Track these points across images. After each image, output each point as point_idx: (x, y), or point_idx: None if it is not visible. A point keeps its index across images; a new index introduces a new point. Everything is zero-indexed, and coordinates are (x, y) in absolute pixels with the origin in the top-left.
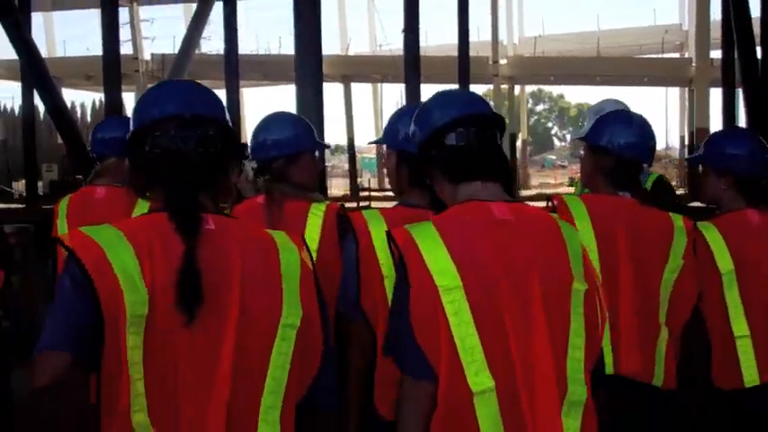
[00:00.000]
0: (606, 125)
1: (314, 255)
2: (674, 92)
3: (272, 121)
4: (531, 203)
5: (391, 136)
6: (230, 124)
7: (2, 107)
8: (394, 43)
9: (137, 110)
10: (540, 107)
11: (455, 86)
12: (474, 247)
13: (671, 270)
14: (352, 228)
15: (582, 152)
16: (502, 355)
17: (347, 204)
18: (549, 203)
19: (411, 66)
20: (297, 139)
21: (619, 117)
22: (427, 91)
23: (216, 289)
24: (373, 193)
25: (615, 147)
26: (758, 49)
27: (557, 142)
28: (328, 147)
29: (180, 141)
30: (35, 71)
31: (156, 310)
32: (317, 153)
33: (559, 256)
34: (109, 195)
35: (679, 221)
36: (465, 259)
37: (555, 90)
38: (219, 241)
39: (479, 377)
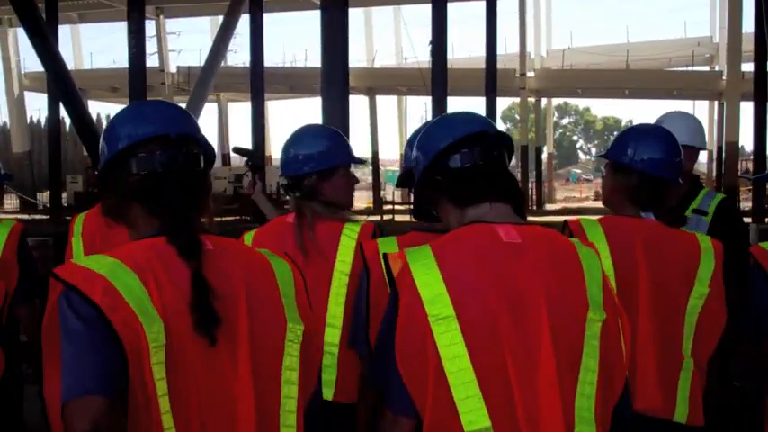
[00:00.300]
0: (628, 141)
1: (346, 279)
2: (702, 105)
3: (304, 135)
4: (552, 219)
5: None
6: (206, 140)
7: (28, 119)
8: (420, 56)
9: (113, 132)
10: (565, 120)
11: (482, 99)
12: (473, 273)
13: (697, 296)
14: (365, 258)
15: (603, 170)
16: (501, 392)
17: (371, 218)
18: (567, 230)
19: (438, 78)
20: (330, 153)
21: (642, 132)
22: (453, 104)
23: (225, 310)
24: (397, 207)
25: (638, 164)
26: None
27: (582, 156)
28: (363, 162)
29: (167, 162)
30: (61, 83)
31: (173, 338)
32: (351, 168)
33: (574, 281)
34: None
35: (706, 243)
36: (462, 286)
37: (581, 103)
38: (220, 261)
39: (474, 415)
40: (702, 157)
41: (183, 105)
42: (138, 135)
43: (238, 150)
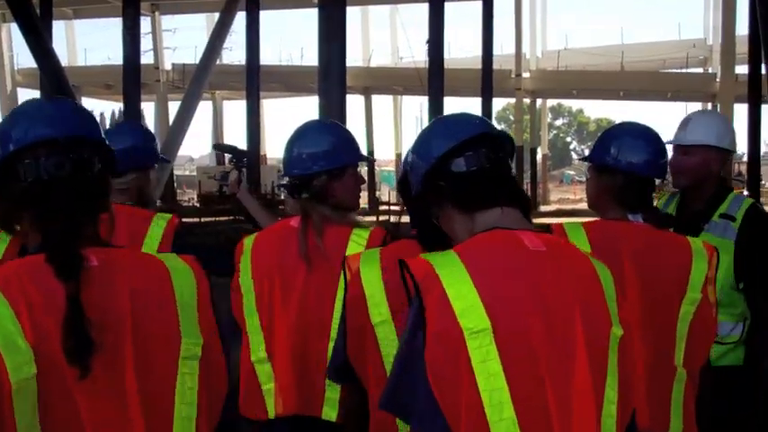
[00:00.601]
0: (611, 141)
1: None
2: (695, 107)
3: (310, 131)
4: (548, 220)
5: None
6: (105, 140)
7: None
8: (416, 56)
9: (2, 134)
10: (559, 121)
11: (477, 100)
12: (505, 282)
13: (689, 303)
14: (345, 273)
15: (588, 172)
16: (537, 413)
17: (366, 218)
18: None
19: (435, 78)
20: (340, 151)
21: (624, 131)
22: (449, 103)
23: (107, 333)
24: (393, 207)
25: (622, 164)
26: None
27: (575, 157)
28: (373, 160)
29: (53, 169)
30: (54, 80)
31: (46, 368)
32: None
33: (597, 294)
34: (117, 214)
35: (698, 245)
36: (495, 296)
37: (574, 105)
38: (105, 278)
39: None
40: None
41: (178, 103)
42: (25, 139)
43: (220, 147)
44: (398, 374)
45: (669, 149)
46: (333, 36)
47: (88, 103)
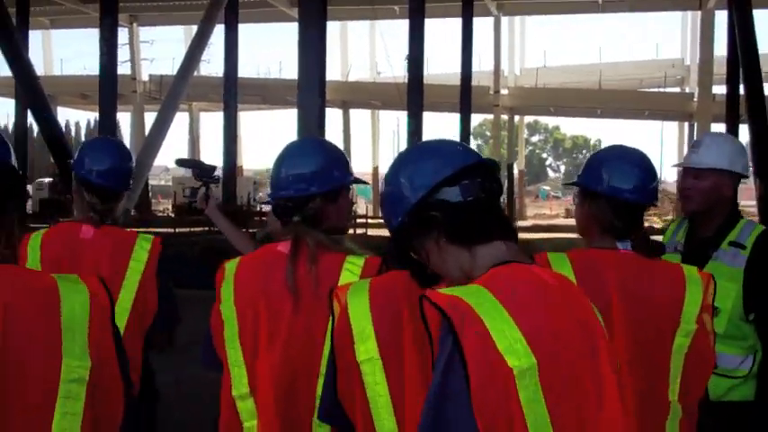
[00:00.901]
0: (600, 165)
1: None
2: (671, 125)
3: (300, 149)
4: (526, 236)
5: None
6: (9, 157)
7: None
8: (394, 71)
9: None
10: (535, 138)
11: (455, 115)
12: (541, 317)
13: (683, 334)
14: (332, 307)
15: (575, 198)
16: None
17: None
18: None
19: (414, 93)
20: (335, 171)
21: (613, 156)
22: (428, 119)
23: None
24: (369, 221)
25: (609, 190)
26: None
27: (551, 173)
28: (366, 183)
29: None
30: (29, 90)
31: None
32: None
33: (601, 330)
34: (99, 236)
35: (692, 272)
36: (534, 332)
37: (550, 122)
38: None
39: None
40: (669, 176)
41: (155, 114)
42: None
43: (183, 162)
44: (431, 425)
45: (673, 172)
46: (312, 49)
47: (64, 112)
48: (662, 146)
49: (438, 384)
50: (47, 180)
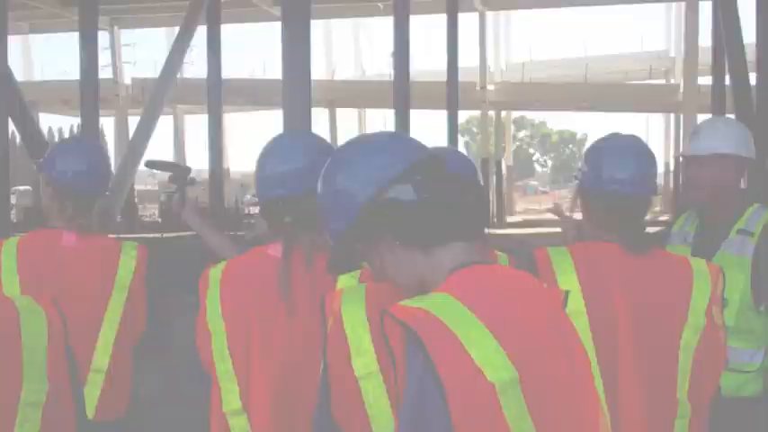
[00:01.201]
0: (593, 158)
1: None
2: (657, 117)
3: (288, 144)
4: (515, 231)
5: None
6: None
7: None
8: (380, 69)
9: None
10: (522, 133)
11: (443, 112)
12: (517, 324)
13: (691, 330)
14: (324, 316)
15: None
16: None
17: None
18: (532, 262)
19: (400, 91)
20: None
21: (608, 147)
22: (414, 116)
23: None
24: None
25: (607, 182)
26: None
27: (538, 168)
28: None
29: None
30: (9, 96)
31: None
32: None
33: (570, 326)
34: (82, 244)
35: (699, 265)
36: (511, 341)
37: (537, 116)
38: None
39: None
40: (660, 166)
41: (138, 118)
42: None
43: (154, 164)
44: None
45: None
46: (297, 48)
47: (46, 118)
48: (648, 138)
49: (411, 409)
50: (22, 188)
